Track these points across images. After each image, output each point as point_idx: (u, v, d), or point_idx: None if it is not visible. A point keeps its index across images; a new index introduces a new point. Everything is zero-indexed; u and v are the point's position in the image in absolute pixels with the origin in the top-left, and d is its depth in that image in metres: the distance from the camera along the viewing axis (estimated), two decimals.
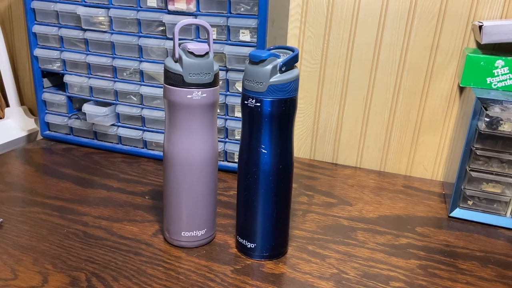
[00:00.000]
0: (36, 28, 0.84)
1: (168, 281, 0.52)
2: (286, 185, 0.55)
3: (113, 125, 0.86)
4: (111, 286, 0.50)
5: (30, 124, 0.98)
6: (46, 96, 0.89)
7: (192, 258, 0.56)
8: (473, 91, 0.67)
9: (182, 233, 0.57)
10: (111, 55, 0.81)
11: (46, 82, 0.90)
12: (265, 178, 0.53)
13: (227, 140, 0.80)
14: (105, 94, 0.84)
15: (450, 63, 0.78)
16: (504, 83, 0.70)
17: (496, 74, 0.70)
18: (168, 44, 0.77)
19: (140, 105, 0.83)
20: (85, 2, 0.80)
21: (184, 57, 0.51)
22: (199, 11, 0.74)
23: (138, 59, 0.80)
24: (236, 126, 0.78)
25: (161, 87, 0.80)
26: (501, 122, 0.64)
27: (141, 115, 0.83)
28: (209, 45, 0.53)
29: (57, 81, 0.91)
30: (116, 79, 0.82)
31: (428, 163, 0.85)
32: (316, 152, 0.91)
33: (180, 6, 0.74)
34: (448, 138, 0.82)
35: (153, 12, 0.76)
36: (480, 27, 0.68)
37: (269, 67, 0.49)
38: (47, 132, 0.92)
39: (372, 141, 0.87)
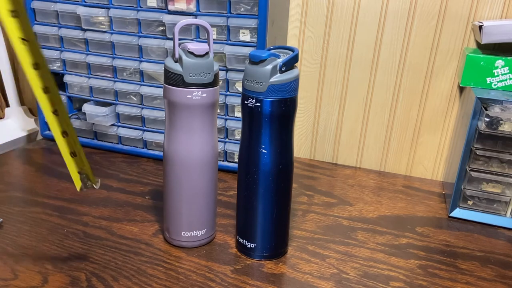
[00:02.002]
0: (36, 28, 0.84)
1: (168, 281, 0.52)
2: (286, 185, 0.55)
3: (113, 125, 0.86)
4: (111, 286, 0.50)
5: (30, 124, 0.98)
6: None
7: (192, 258, 0.56)
8: (473, 91, 0.67)
9: (182, 233, 0.57)
10: (111, 55, 0.81)
11: None
12: (265, 178, 0.53)
13: (227, 140, 0.80)
14: (105, 94, 0.84)
15: (450, 63, 0.78)
16: (504, 83, 0.70)
17: (496, 74, 0.70)
18: (168, 44, 0.77)
19: (140, 105, 0.83)
20: (85, 2, 0.80)
21: (184, 57, 0.51)
22: (199, 11, 0.74)
23: (138, 59, 0.80)
24: (236, 126, 0.78)
25: (161, 87, 0.80)
26: (501, 122, 0.64)
27: (141, 115, 0.83)
28: (209, 45, 0.53)
29: (57, 81, 0.91)
30: (116, 79, 0.82)
31: (428, 163, 0.85)
32: (316, 152, 0.91)
33: (180, 6, 0.74)
34: (448, 138, 0.82)
35: (153, 12, 0.76)
36: (480, 27, 0.68)
37: (269, 67, 0.49)
38: (47, 132, 0.92)
39: (372, 141, 0.87)
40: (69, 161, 0.46)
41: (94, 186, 0.49)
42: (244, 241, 0.57)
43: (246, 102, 0.51)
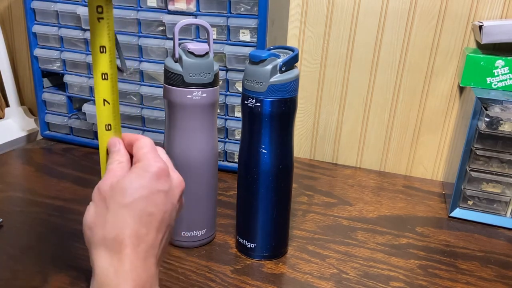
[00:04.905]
0: (36, 28, 0.84)
1: (168, 281, 0.52)
2: (286, 185, 0.55)
3: None
4: None
5: (30, 124, 0.98)
6: (46, 96, 0.89)
7: (192, 258, 0.56)
8: (473, 91, 0.67)
9: (182, 233, 0.57)
10: None
11: (46, 82, 0.90)
12: (265, 178, 0.53)
13: (227, 140, 0.80)
14: None
15: (450, 63, 0.78)
16: (504, 83, 0.70)
17: (496, 74, 0.70)
18: (168, 44, 0.77)
19: (140, 105, 0.83)
20: (85, 2, 0.80)
21: (184, 57, 0.51)
22: (199, 11, 0.74)
23: (138, 59, 0.80)
24: (236, 126, 0.78)
25: (161, 87, 0.80)
26: (501, 122, 0.64)
27: (141, 115, 0.83)
28: (209, 45, 0.53)
29: (57, 81, 0.91)
30: None
31: (428, 163, 0.85)
32: (316, 152, 0.91)
33: (180, 6, 0.74)
34: (448, 138, 0.82)
35: (153, 12, 0.76)
36: (480, 27, 0.68)
37: (269, 67, 0.49)
38: (47, 132, 0.92)
39: (372, 141, 0.87)
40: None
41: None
42: (244, 241, 0.57)
43: (246, 102, 0.51)
